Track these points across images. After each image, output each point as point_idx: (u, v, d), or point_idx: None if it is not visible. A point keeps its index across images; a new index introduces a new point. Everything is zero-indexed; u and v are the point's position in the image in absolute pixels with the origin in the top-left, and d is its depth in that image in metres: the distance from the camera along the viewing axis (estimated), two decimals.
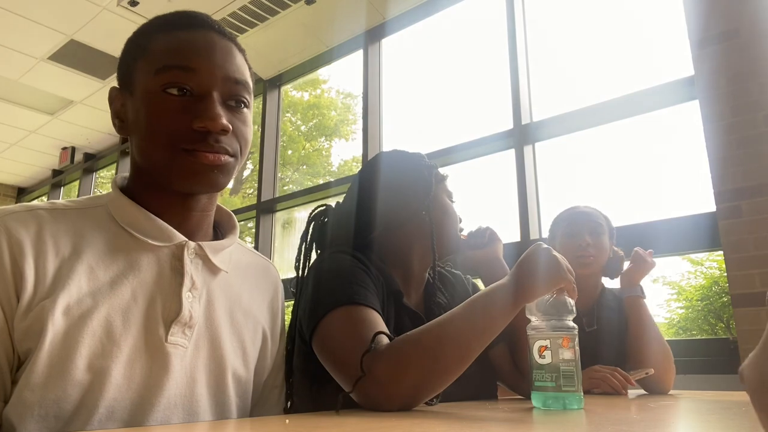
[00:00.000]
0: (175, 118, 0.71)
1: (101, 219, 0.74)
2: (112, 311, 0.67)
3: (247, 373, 0.80)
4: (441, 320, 0.83)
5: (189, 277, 0.73)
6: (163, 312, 0.70)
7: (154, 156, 0.72)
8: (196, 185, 0.74)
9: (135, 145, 0.75)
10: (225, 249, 0.80)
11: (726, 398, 1.07)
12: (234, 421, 0.71)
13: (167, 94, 0.71)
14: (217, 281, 0.79)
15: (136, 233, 0.73)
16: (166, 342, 0.69)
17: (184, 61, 0.72)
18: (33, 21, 3.57)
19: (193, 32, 0.75)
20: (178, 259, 0.74)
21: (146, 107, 0.72)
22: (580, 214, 1.60)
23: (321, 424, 0.63)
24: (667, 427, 0.67)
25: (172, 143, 0.71)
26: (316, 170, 8.10)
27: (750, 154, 2.05)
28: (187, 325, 0.71)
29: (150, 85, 0.72)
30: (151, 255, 0.73)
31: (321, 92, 8.18)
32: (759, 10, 2.14)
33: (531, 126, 2.87)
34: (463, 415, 0.76)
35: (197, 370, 0.72)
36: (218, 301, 0.78)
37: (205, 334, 0.75)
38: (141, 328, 0.68)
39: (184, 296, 0.72)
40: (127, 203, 0.75)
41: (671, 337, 3.76)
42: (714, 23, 2.22)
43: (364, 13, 3.53)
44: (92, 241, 0.71)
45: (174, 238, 0.74)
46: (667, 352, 1.41)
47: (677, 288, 3.70)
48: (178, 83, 0.72)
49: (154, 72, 0.72)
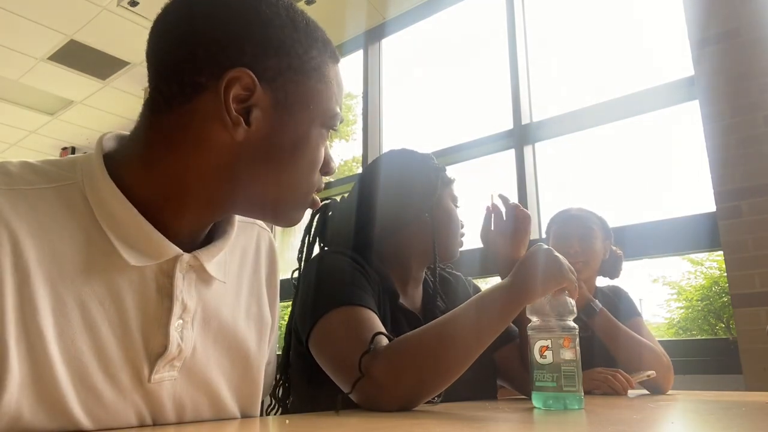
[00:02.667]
0: (320, 169, 0.64)
1: (73, 205, 0.55)
2: (84, 349, 0.53)
3: (251, 383, 0.70)
4: (441, 320, 0.83)
5: (179, 301, 0.59)
6: (146, 346, 0.57)
7: (279, 205, 0.63)
8: (292, 225, 0.67)
9: (248, 169, 0.58)
10: (223, 251, 0.65)
11: (726, 398, 1.07)
12: (234, 421, 0.71)
13: (325, 131, 0.63)
14: (213, 291, 0.65)
15: (116, 243, 0.55)
16: (149, 382, 0.57)
17: (338, 119, 0.64)
18: (33, 21, 3.57)
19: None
20: (168, 276, 0.59)
21: (301, 147, 0.60)
22: (571, 219, 1.60)
23: (321, 424, 0.63)
24: (667, 427, 0.67)
25: (309, 192, 0.64)
26: None
27: (750, 154, 2.05)
28: (176, 359, 0.59)
29: (314, 122, 0.61)
30: (132, 272, 0.57)
31: None
32: (759, 10, 2.14)
33: (531, 126, 2.87)
34: (464, 415, 0.76)
35: (186, 396, 0.62)
36: (216, 314, 0.66)
37: (200, 357, 0.63)
38: (120, 369, 0.55)
39: (172, 326, 0.58)
40: (112, 192, 0.56)
41: (671, 337, 3.76)
42: (714, 23, 2.22)
43: (364, 13, 3.53)
44: (60, 245, 0.54)
45: (165, 253, 0.58)
46: (653, 354, 1.40)
47: (677, 288, 3.70)
48: (333, 124, 0.64)
49: (322, 111, 0.61)
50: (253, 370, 0.71)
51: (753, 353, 1.91)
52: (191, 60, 0.56)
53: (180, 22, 0.58)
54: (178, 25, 0.58)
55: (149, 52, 0.59)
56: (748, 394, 1.41)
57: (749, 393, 1.61)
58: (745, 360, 1.92)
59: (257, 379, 0.72)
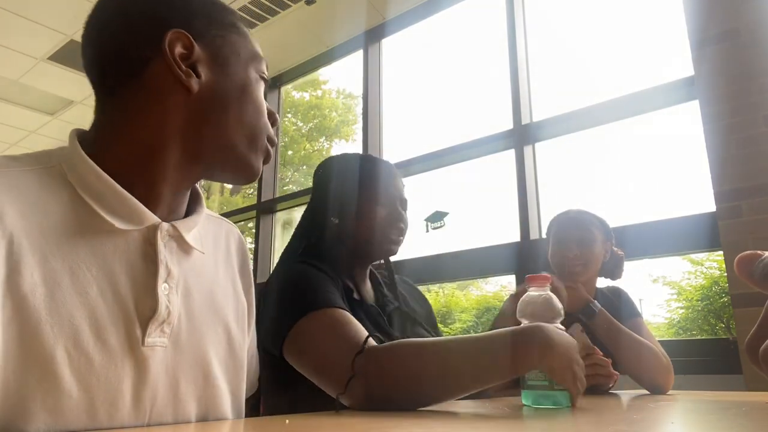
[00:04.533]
0: (266, 114, 0.71)
1: (54, 184, 0.59)
2: (76, 314, 0.55)
3: (235, 359, 0.72)
4: (446, 345, 0.81)
5: (164, 265, 0.62)
6: (137, 309, 0.59)
7: (238, 148, 0.68)
8: (250, 181, 0.72)
9: (204, 119, 0.65)
10: (197, 225, 0.70)
11: (726, 398, 1.07)
12: (234, 421, 0.71)
13: (263, 82, 0.71)
14: (192, 263, 0.68)
15: (100, 210, 0.59)
16: (143, 345, 0.59)
17: (265, 66, 0.72)
18: (33, 21, 3.57)
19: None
20: (151, 243, 0.62)
21: (245, 92, 0.68)
22: (570, 221, 1.60)
23: (321, 424, 0.63)
24: (667, 427, 0.67)
25: (261, 137, 0.70)
26: None
27: (750, 154, 2.05)
28: (165, 322, 0.61)
29: (257, 66, 0.71)
30: (117, 239, 0.60)
31: (322, 93, 8.19)
32: (759, 10, 2.14)
33: (531, 126, 2.87)
34: (464, 415, 0.76)
35: (180, 369, 0.63)
36: (197, 286, 0.68)
37: (186, 327, 0.65)
38: (113, 332, 0.57)
39: (159, 289, 0.61)
40: (90, 167, 0.60)
41: (671, 337, 3.76)
42: (714, 23, 2.22)
43: (364, 13, 3.54)
44: (45, 218, 0.56)
45: (146, 219, 0.61)
46: (653, 354, 1.40)
47: (677, 288, 3.71)
48: (265, 72, 0.71)
49: (250, 57, 0.70)
50: (236, 346, 0.73)
51: None
52: (132, 38, 0.63)
53: (113, 11, 0.65)
54: (112, 15, 0.65)
55: (88, 45, 0.66)
56: (748, 394, 1.41)
57: (749, 393, 1.61)
58: (745, 360, 1.91)
59: (241, 357, 0.73)
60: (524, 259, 2.64)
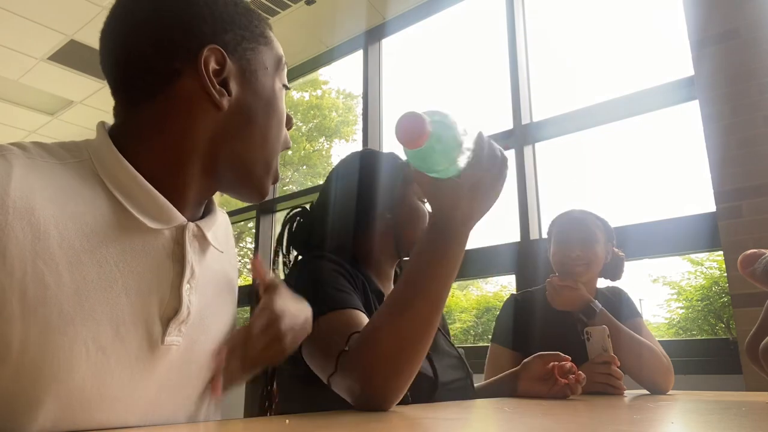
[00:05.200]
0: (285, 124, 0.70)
1: (85, 177, 0.58)
2: (98, 309, 0.54)
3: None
4: (391, 299, 0.77)
5: (190, 266, 0.62)
6: (160, 309, 0.59)
7: (254, 168, 0.67)
8: (260, 199, 0.71)
9: (231, 135, 0.64)
10: (215, 224, 0.70)
11: (726, 398, 1.07)
12: (234, 421, 0.71)
13: (285, 91, 0.71)
14: (210, 262, 0.69)
15: (130, 207, 0.59)
16: (162, 344, 0.59)
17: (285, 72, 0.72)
18: (33, 21, 3.57)
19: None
20: (179, 244, 0.62)
21: (271, 105, 0.68)
22: (572, 221, 1.59)
23: (321, 424, 0.63)
24: (667, 427, 0.67)
25: (276, 153, 0.69)
26: (317, 170, 8.10)
27: (750, 154, 2.05)
28: (184, 322, 0.61)
29: (279, 74, 0.70)
30: (147, 237, 0.60)
31: (322, 93, 8.19)
32: (759, 10, 2.14)
33: (531, 126, 2.87)
34: (464, 414, 0.76)
35: (191, 366, 0.64)
36: (210, 284, 0.69)
37: (198, 325, 0.65)
38: (132, 330, 0.57)
39: (183, 289, 0.61)
40: (122, 164, 0.59)
41: (671, 338, 3.76)
42: (714, 23, 2.22)
43: (364, 13, 3.54)
44: (77, 211, 0.56)
45: (174, 219, 0.61)
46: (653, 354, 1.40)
47: (677, 288, 3.71)
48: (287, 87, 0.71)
49: (276, 67, 0.69)
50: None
51: None
52: (162, 49, 0.61)
53: (143, 18, 0.63)
54: (142, 22, 0.63)
55: (111, 52, 0.64)
56: (748, 394, 1.41)
57: (749, 393, 1.61)
58: (745, 360, 1.92)
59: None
60: (524, 259, 2.64)
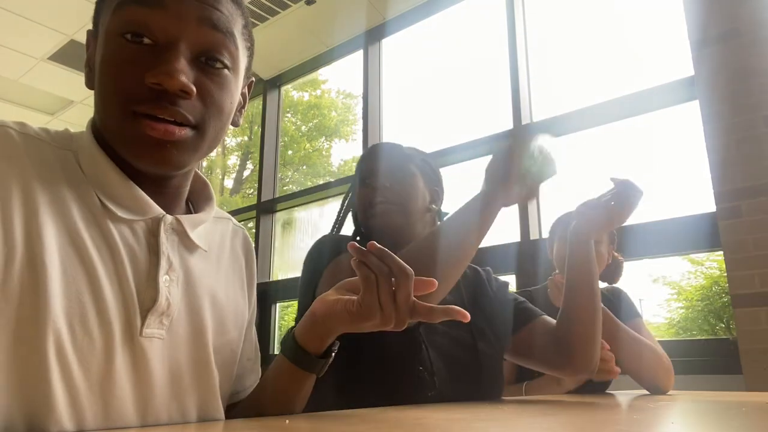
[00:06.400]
0: (127, 70, 0.57)
1: (71, 169, 0.60)
2: (83, 290, 0.55)
3: (231, 358, 0.72)
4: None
5: (166, 257, 0.62)
6: (138, 298, 0.59)
7: (105, 118, 0.60)
8: (144, 161, 0.60)
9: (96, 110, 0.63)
10: (203, 223, 0.69)
11: (726, 398, 1.07)
12: (234, 421, 0.71)
13: (124, 39, 0.58)
14: (195, 260, 0.68)
15: (106, 201, 0.59)
16: (141, 335, 0.58)
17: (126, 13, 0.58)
18: (33, 21, 3.57)
19: None
20: (154, 235, 0.62)
21: (101, 55, 0.60)
22: None
23: (321, 424, 0.63)
24: (667, 427, 0.67)
25: (121, 102, 0.58)
26: (317, 170, 8.11)
27: (750, 154, 2.05)
28: (165, 314, 0.61)
29: (109, 26, 0.60)
30: (123, 228, 0.60)
31: (321, 93, 8.19)
32: (759, 10, 2.14)
33: (531, 126, 2.87)
34: (464, 414, 0.76)
35: (178, 363, 0.62)
36: (198, 282, 0.67)
37: (186, 320, 0.64)
38: (116, 317, 0.56)
39: (161, 280, 0.60)
40: (100, 159, 0.61)
41: (671, 337, 3.76)
42: (714, 23, 2.22)
43: (364, 13, 3.53)
44: (67, 196, 0.57)
45: (149, 210, 0.62)
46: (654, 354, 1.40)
47: (677, 288, 3.71)
48: (136, 26, 0.58)
49: (112, 9, 0.60)
50: (233, 347, 0.72)
51: (753, 353, 1.91)
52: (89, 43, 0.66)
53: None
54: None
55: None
56: (748, 394, 1.41)
57: (749, 393, 1.61)
58: (745, 360, 1.92)
59: (233, 359, 0.73)
60: (524, 259, 2.64)
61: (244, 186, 8.22)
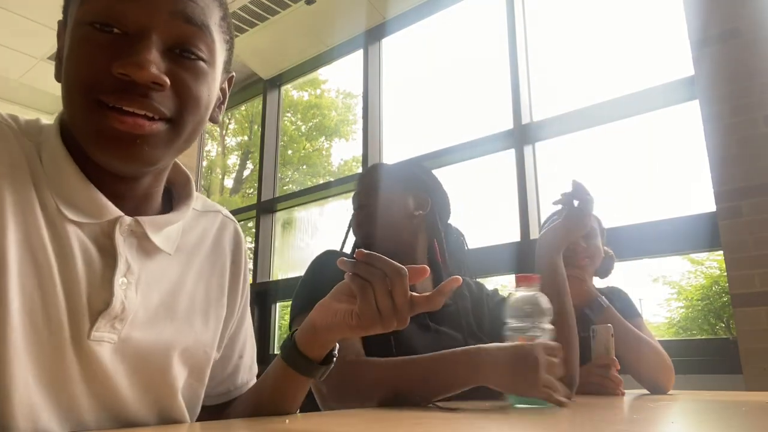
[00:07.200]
0: (93, 57, 0.55)
1: (34, 163, 0.58)
2: (35, 291, 0.53)
3: (204, 359, 0.69)
4: (403, 366, 0.91)
5: (123, 259, 0.59)
6: (89, 300, 0.56)
7: (70, 109, 0.58)
8: (111, 156, 0.56)
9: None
10: (172, 225, 0.65)
11: (726, 398, 1.07)
12: (233, 421, 0.71)
13: (92, 27, 0.55)
14: (159, 262, 0.64)
15: (60, 204, 0.56)
16: (88, 338, 0.56)
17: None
18: (33, 21, 3.57)
19: None
20: (108, 237, 0.59)
21: (68, 45, 0.58)
22: None
23: (321, 424, 0.63)
24: (667, 426, 0.67)
25: (86, 91, 0.55)
26: (316, 170, 8.10)
27: (750, 154, 2.05)
28: (117, 318, 0.58)
29: (78, 15, 0.57)
30: (79, 230, 0.58)
31: (321, 92, 8.18)
32: (759, 10, 2.14)
33: (531, 126, 2.87)
34: (464, 414, 0.76)
35: (131, 366, 0.60)
36: (160, 285, 0.64)
37: (143, 326, 0.61)
38: (63, 320, 0.55)
39: (116, 283, 0.58)
40: (61, 156, 0.58)
41: (671, 337, 3.76)
42: (714, 23, 2.22)
43: (364, 13, 3.53)
44: (29, 192, 0.55)
45: (106, 213, 0.58)
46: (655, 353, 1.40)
47: (677, 287, 3.71)
48: (105, 15, 0.55)
49: (78, 6, 0.58)
50: (205, 348, 0.69)
51: (753, 353, 1.91)
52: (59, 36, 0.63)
53: None
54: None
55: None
56: (748, 394, 1.41)
57: (749, 393, 1.61)
58: (745, 360, 1.92)
59: (207, 360, 0.70)
60: (524, 259, 2.64)
61: (244, 186, 8.22)
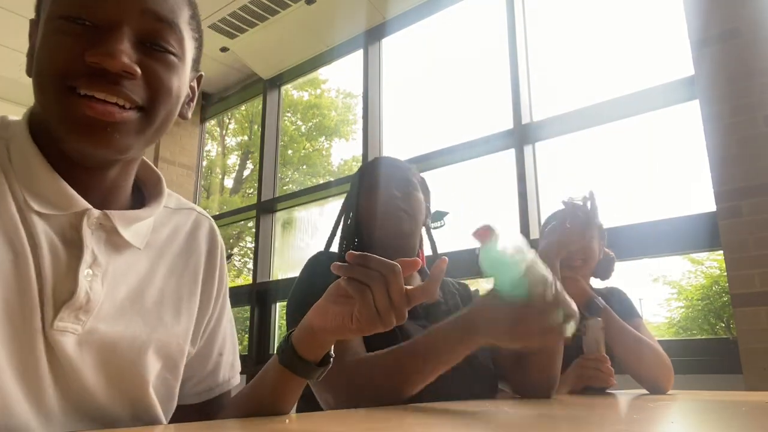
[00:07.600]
0: (65, 46, 0.56)
1: (2, 158, 0.59)
2: (11, 283, 0.55)
3: (177, 352, 0.69)
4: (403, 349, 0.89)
5: (90, 251, 0.60)
6: (54, 290, 0.57)
7: (40, 98, 0.58)
8: (81, 144, 0.57)
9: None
10: (142, 221, 0.66)
11: (726, 398, 1.07)
12: (234, 421, 0.71)
13: (65, 21, 0.57)
14: (127, 256, 0.65)
15: (28, 196, 0.57)
16: (51, 328, 0.56)
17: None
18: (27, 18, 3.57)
19: None
20: (75, 229, 0.60)
21: (42, 38, 0.59)
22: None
23: (321, 423, 0.63)
24: (667, 426, 0.67)
25: (57, 78, 0.56)
26: (316, 170, 8.11)
27: (750, 154, 2.05)
28: (82, 309, 0.58)
29: (50, 9, 0.58)
30: (45, 222, 0.58)
31: (321, 92, 8.19)
32: (759, 10, 2.14)
33: (531, 126, 2.87)
34: (464, 413, 0.76)
35: (98, 358, 0.60)
36: (126, 279, 0.64)
37: (111, 316, 0.61)
38: (25, 309, 0.55)
39: (81, 274, 0.58)
40: (29, 150, 0.59)
41: (671, 337, 3.77)
42: (714, 23, 2.22)
43: (364, 13, 3.53)
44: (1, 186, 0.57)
45: (73, 205, 0.59)
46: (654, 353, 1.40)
47: (677, 287, 3.71)
48: (77, 9, 0.57)
49: (47, 7, 0.59)
50: (178, 341, 0.69)
51: (753, 353, 1.91)
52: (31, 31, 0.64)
53: None
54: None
55: None
56: (748, 393, 1.41)
57: (749, 393, 1.61)
58: (745, 360, 1.92)
59: (180, 354, 0.70)
60: None
61: (244, 185, 8.22)
